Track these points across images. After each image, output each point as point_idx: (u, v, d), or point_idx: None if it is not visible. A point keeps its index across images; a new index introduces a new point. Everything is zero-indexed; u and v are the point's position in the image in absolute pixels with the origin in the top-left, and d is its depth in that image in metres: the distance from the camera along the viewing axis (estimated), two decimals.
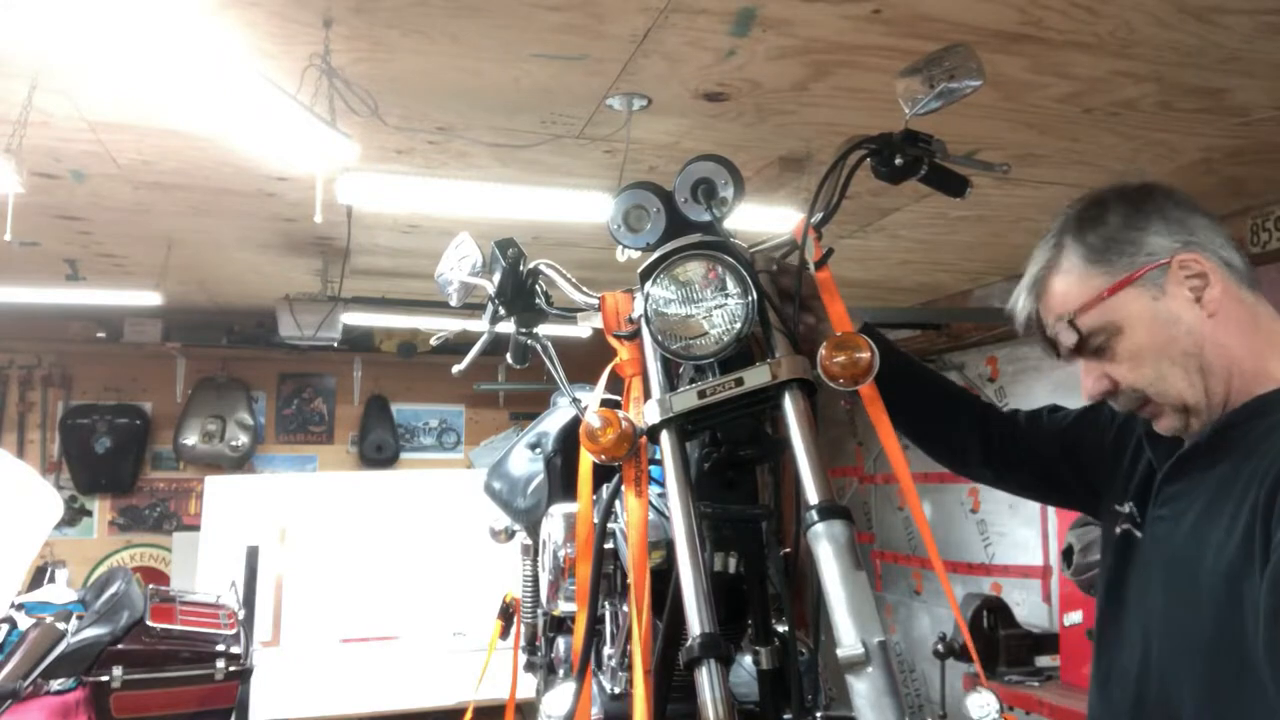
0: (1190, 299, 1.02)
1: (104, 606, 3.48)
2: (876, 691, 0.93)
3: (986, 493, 4.92)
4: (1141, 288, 1.03)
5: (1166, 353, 1.03)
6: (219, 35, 2.02)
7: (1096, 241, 1.06)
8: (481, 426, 6.60)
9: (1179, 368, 1.02)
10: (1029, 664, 3.85)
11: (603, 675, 1.76)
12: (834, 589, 1.00)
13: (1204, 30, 2.05)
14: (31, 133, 2.53)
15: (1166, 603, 1.01)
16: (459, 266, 1.44)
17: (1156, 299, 1.03)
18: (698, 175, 1.27)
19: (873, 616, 0.97)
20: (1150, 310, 1.03)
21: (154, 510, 6.00)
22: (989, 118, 2.55)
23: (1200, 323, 1.02)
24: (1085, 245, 1.06)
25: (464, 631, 5.15)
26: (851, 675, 0.94)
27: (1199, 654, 0.94)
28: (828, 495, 1.07)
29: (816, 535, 1.04)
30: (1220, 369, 1.02)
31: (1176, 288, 1.03)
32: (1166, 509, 1.04)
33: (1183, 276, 1.02)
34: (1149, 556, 1.06)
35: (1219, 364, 1.02)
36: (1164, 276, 1.03)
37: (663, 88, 2.37)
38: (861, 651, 0.94)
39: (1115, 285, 1.04)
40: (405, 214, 3.46)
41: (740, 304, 1.18)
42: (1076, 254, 1.07)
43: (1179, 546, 1.00)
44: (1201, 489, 1.00)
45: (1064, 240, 1.09)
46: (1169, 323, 1.03)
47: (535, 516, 2.18)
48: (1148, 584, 1.05)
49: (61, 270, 4.26)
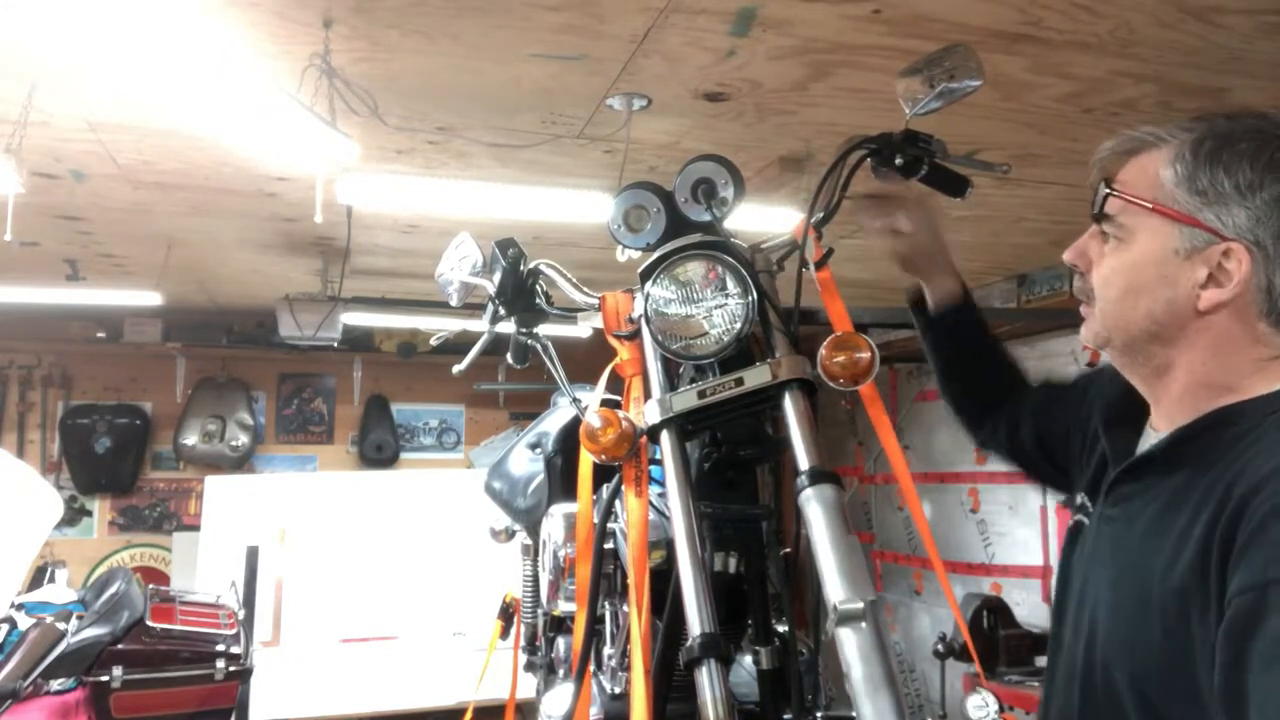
0: (1197, 281, 0.92)
1: (104, 606, 3.48)
2: (869, 646, 0.95)
3: (986, 492, 4.92)
4: (1176, 231, 0.93)
5: (1136, 294, 0.96)
6: (219, 35, 2.01)
7: (1194, 162, 0.93)
8: (481, 426, 6.59)
9: (1135, 312, 0.96)
10: (1029, 664, 3.85)
11: (603, 675, 1.76)
12: (824, 550, 1.02)
13: (1204, 30, 2.05)
14: (31, 133, 2.53)
15: (1115, 602, 0.96)
16: (459, 266, 1.44)
17: (1176, 251, 0.93)
18: (698, 175, 1.27)
19: (865, 578, 0.99)
20: (1160, 253, 0.94)
21: (154, 510, 6.00)
22: (989, 118, 2.55)
23: (1183, 304, 0.93)
24: (1184, 155, 0.93)
25: (464, 631, 5.16)
26: (846, 628, 0.96)
27: (1147, 663, 0.90)
28: (817, 460, 1.09)
29: (807, 499, 1.06)
30: (1164, 359, 0.96)
31: (1200, 262, 0.92)
32: (1118, 509, 1.00)
33: (1216, 259, 0.91)
34: (1099, 552, 1.02)
35: (1170, 355, 0.95)
36: (1203, 245, 0.92)
37: (663, 88, 2.38)
38: (861, 606, 0.96)
39: (1163, 207, 0.93)
40: (405, 214, 3.46)
41: (740, 304, 1.18)
42: (1171, 153, 0.95)
43: (1130, 550, 0.96)
44: (1155, 494, 0.95)
45: (1179, 137, 0.95)
46: (1160, 279, 0.94)
47: (535, 516, 2.18)
48: (1095, 578, 1.01)
49: (61, 270, 4.26)
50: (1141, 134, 0.98)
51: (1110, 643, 0.95)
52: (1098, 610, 0.98)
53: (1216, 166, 0.92)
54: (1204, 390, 0.94)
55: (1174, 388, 0.97)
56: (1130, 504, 0.98)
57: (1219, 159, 0.92)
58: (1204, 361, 0.94)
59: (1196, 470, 0.90)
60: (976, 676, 3.76)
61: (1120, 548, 0.97)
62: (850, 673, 0.95)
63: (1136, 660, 0.91)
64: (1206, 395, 0.94)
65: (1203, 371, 0.94)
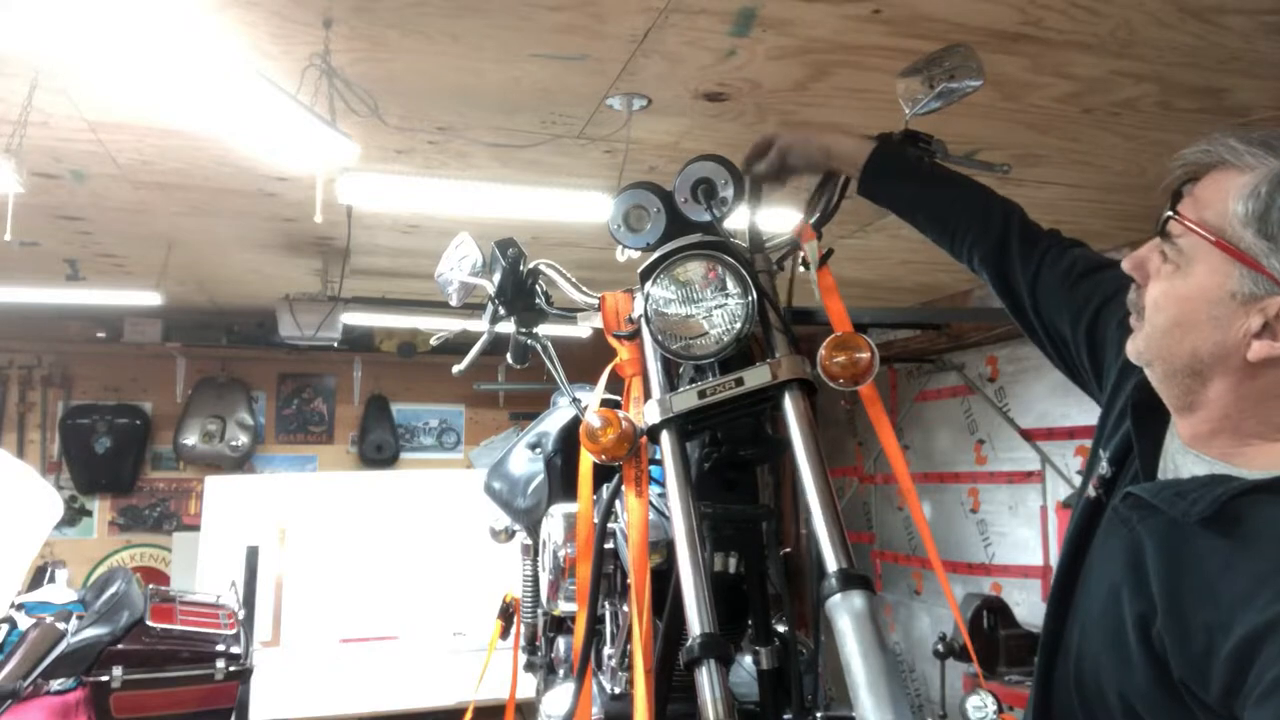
0: (1251, 329, 0.85)
1: (104, 606, 3.48)
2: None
3: (986, 492, 4.92)
4: (1237, 272, 0.85)
5: (1184, 329, 0.90)
6: (219, 35, 2.02)
7: (1270, 200, 0.85)
8: (481, 426, 6.59)
9: (1180, 347, 0.90)
10: (1029, 664, 3.84)
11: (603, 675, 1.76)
12: (857, 669, 0.95)
13: (1204, 30, 2.05)
14: (31, 133, 2.53)
15: (1104, 610, 0.93)
16: (459, 266, 1.44)
17: (1233, 295, 0.86)
18: (698, 175, 1.27)
19: (888, 697, 0.93)
20: (1215, 293, 0.87)
21: (154, 510, 6.00)
22: (989, 118, 2.55)
23: (1232, 349, 0.86)
24: (1260, 191, 0.85)
25: (464, 631, 5.16)
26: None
27: (1129, 680, 0.87)
28: (846, 560, 1.03)
29: (835, 607, 1.00)
30: (1202, 396, 0.90)
31: (1257, 311, 0.85)
32: (1135, 514, 0.93)
33: (1275, 310, 0.84)
34: (1110, 548, 0.97)
35: (1208, 395, 0.90)
36: (1264, 293, 0.84)
37: (663, 88, 2.37)
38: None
39: (1229, 246, 0.86)
40: (405, 214, 3.46)
41: (740, 304, 1.18)
42: (1247, 185, 0.86)
43: (1127, 567, 0.91)
44: (1171, 527, 0.88)
45: (1263, 164, 0.87)
46: (1211, 320, 0.87)
47: (535, 516, 2.18)
48: (1101, 568, 0.97)
49: (61, 270, 4.26)
50: (1226, 146, 0.89)
51: (1096, 653, 0.93)
52: (1092, 607, 0.96)
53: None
54: (1232, 437, 0.90)
55: (1203, 427, 0.92)
56: (1146, 519, 0.91)
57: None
58: (1240, 410, 0.89)
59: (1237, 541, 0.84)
60: (976, 676, 3.76)
61: (1118, 561, 0.93)
62: None
63: (1120, 678, 0.89)
64: (1232, 442, 0.90)
65: (1238, 418, 0.89)
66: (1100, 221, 3.55)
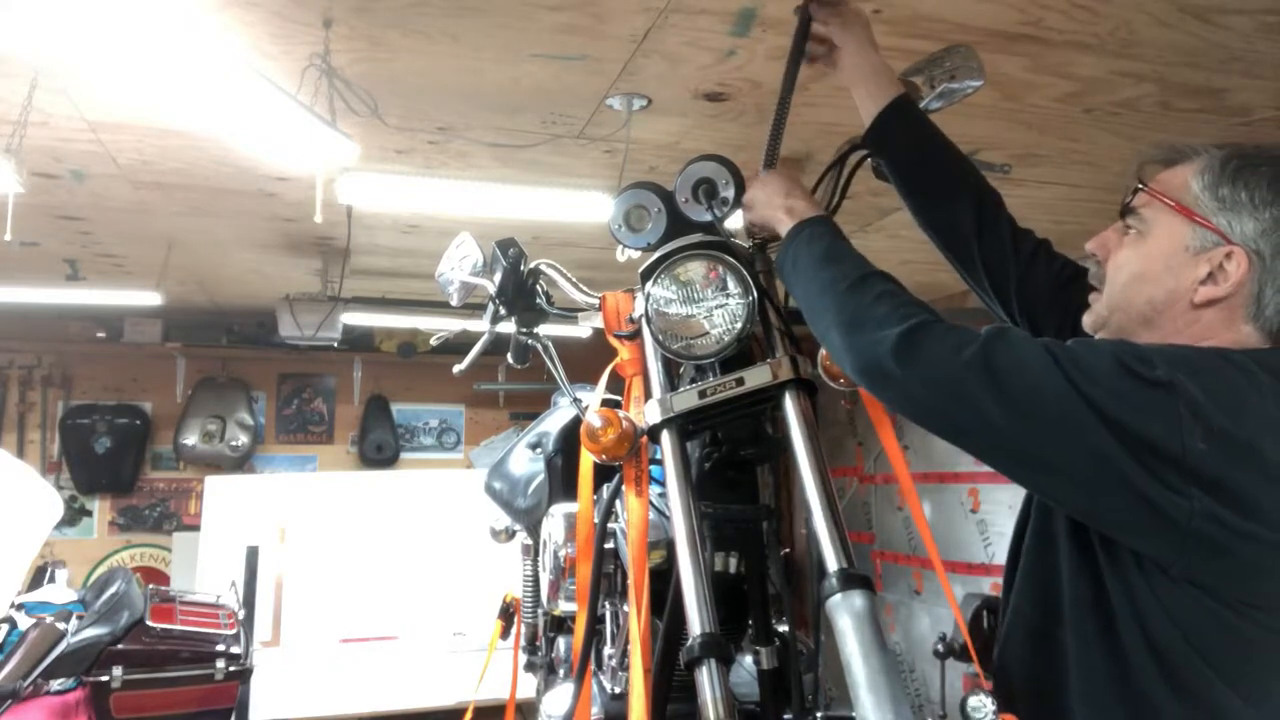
0: (1198, 276, 1.03)
1: (104, 606, 3.48)
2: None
3: (986, 492, 4.92)
4: (1190, 230, 1.04)
5: (1142, 280, 1.07)
6: (219, 35, 2.02)
7: (1220, 174, 1.04)
8: (481, 426, 6.59)
9: (1138, 296, 1.07)
10: None
11: (603, 675, 1.76)
12: (857, 669, 0.96)
13: (1204, 30, 2.05)
14: (31, 133, 2.53)
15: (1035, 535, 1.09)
16: (460, 266, 1.44)
17: (1186, 248, 1.04)
18: (698, 175, 1.27)
19: (888, 697, 0.93)
20: (1172, 248, 1.05)
21: (154, 510, 5.99)
22: (989, 118, 2.55)
23: (1181, 294, 1.04)
24: (1213, 166, 1.05)
25: (464, 631, 5.16)
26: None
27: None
28: (846, 559, 1.04)
29: (836, 607, 1.00)
30: (1156, 337, 1.05)
31: (1205, 261, 1.03)
32: None
33: (1219, 260, 1.02)
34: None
35: (1162, 340, 1.04)
36: (1211, 245, 1.03)
37: (663, 88, 2.37)
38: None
39: (1184, 207, 1.05)
40: (405, 214, 3.46)
41: (741, 304, 1.18)
42: (1201, 164, 1.06)
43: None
44: None
45: (1210, 153, 1.07)
46: (1167, 269, 1.05)
47: (535, 516, 2.18)
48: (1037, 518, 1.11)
49: (61, 270, 4.26)
50: (1181, 147, 1.10)
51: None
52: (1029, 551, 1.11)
53: (1238, 180, 1.03)
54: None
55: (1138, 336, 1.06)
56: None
57: (1241, 175, 1.03)
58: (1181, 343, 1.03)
59: None
60: (976, 676, 3.76)
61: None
62: None
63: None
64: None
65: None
66: (1100, 221, 3.51)
